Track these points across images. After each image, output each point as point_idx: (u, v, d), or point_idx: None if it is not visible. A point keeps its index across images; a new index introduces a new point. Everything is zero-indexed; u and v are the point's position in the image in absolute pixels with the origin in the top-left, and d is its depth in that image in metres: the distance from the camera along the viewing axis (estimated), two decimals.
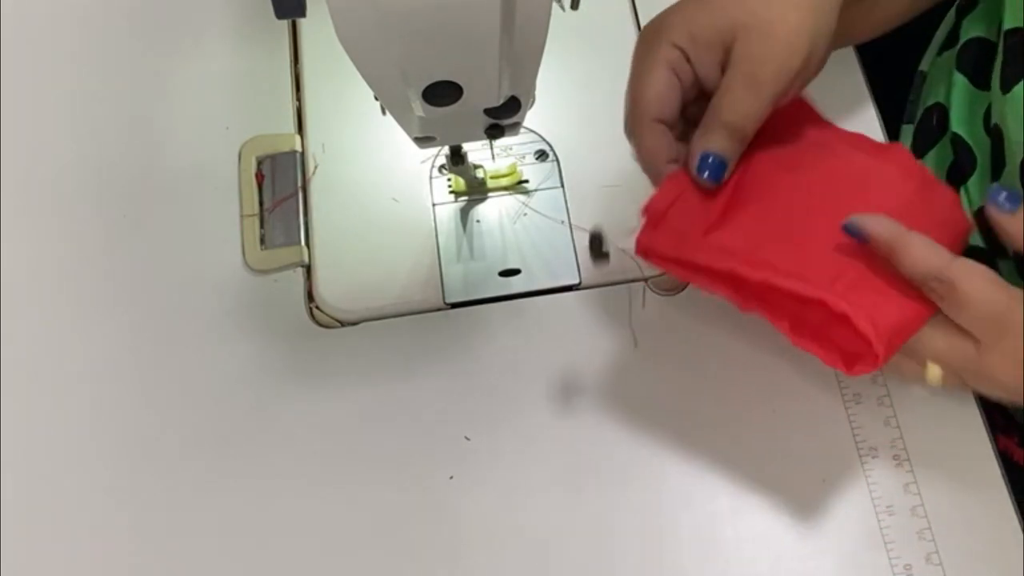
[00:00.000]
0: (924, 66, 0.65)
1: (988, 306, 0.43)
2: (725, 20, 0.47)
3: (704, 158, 0.48)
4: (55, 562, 0.51)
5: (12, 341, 0.55)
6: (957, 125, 0.58)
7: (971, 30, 0.59)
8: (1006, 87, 0.51)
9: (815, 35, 0.47)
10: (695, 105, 0.49)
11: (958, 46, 0.59)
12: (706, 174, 0.48)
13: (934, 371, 0.45)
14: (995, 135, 0.53)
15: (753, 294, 0.45)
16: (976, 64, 0.57)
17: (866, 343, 0.42)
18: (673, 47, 0.48)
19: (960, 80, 0.58)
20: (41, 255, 0.58)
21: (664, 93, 0.48)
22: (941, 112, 0.60)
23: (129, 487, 0.52)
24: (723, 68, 0.48)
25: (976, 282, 0.43)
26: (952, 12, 0.63)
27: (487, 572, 0.50)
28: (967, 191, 0.57)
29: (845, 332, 0.43)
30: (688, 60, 0.48)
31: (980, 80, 0.57)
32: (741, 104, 0.47)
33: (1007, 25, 0.52)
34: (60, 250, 0.58)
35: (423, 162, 0.59)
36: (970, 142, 0.56)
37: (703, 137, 0.48)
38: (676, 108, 0.49)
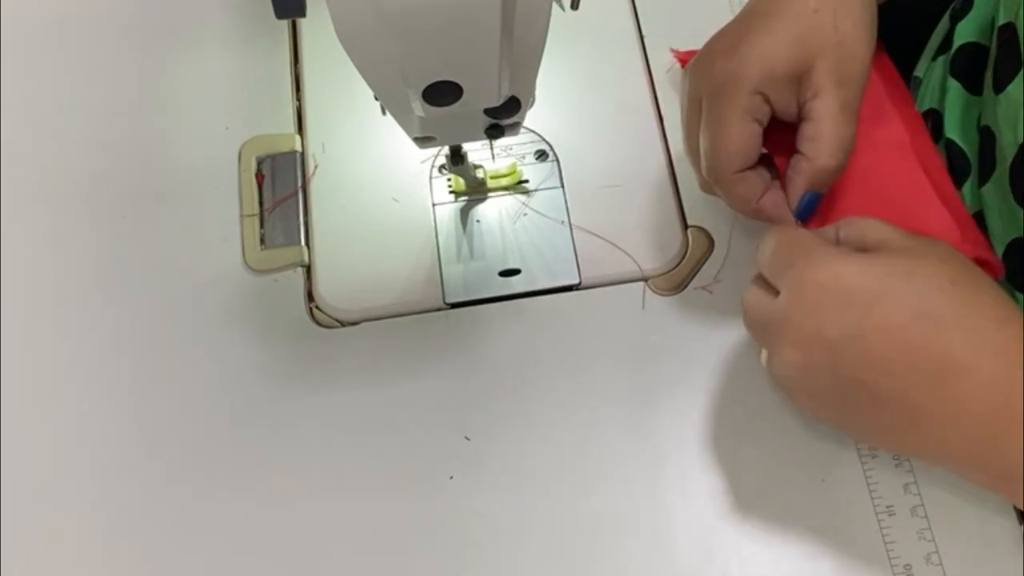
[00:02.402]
0: (918, 72, 0.65)
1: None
2: (801, 51, 0.46)
3: (807, 201, 0.48)
4: (55, 562, 0.51)
5: (12, 341, 0.55)
6: (951, 131, 0.58)
7: (964, 35, 0.59)
8: (999, 87, 0.51)
9: (870, 42, 0.48)
10: None
11: (951, 52, 0.59)
12: (805, 214, 0.49)
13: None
14: (985, 136, 0.53)
15: None
16: (969, 69, 0.57)
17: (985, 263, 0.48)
18: (754, 94, 0.47)
19: (954, 86, 0.58)
20: (41, 255, 0.58)
21: (748, 144, 0.48)
22: (935, 118, 0.60)
23: (128, 487, 0.52)
24: (796, 95, 0.47)
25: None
26: (946, 18, 0.63)
27: (487, 572, 0.50)
28: (961, 197, 0.56)
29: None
30: (768, 101, 0.47)
31: (973, 85, 0.57)
32: (845, 131, 0.47)
33: (1000, 21, 0.52)
34: (60, 250, 0.58)
35: (423, 162, 0.59)
36: (964, 147, 0.56)
37: (809, 180, 0.48)
38: (758, 151, 0.48)
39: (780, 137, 0.50)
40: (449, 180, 0.59)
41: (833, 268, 0.42)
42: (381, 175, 0.59)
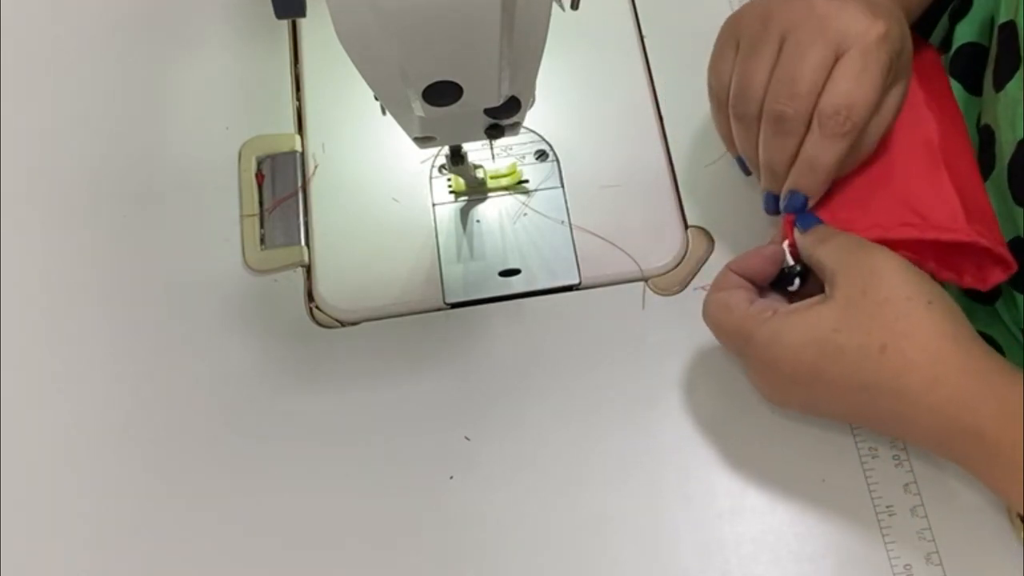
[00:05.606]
0: None
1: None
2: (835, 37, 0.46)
3: (794, 197, 0.49)
4: (55, 562, 0.51)
5: (12, 341, 0.55)
6: None
7: (963, 35, 0.59)
8: (999, 85, 0.51)
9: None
10: None
11: (951, 52, 0.59)
12: (792, 209, 0.49)
13: None
14: (984, 135, 0.53)
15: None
16: (969, 70, 0.57)
17: (999, 258, 0.48)
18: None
19: (953, 86, 0.58)
20: (41, 255, 0.58)
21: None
22: None
23: (128, 487, 0.52)
24: None
25: None
26: (945, 18, 0.63)
27: (487, 572, 0.50)
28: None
29: (969, 254, 0.48)
30: None
31: (973, 85, 0.57)
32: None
33: (1000, 19, 0.52)
34: (60, 250, 0.58)
35: (423, 162, 0.59)
36: None
37: (805, 177, 0.48)
38: None
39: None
40: (449, 180, 0.59)
41: (772, 354, 0.47)
42: (381, 175, 0.59)
